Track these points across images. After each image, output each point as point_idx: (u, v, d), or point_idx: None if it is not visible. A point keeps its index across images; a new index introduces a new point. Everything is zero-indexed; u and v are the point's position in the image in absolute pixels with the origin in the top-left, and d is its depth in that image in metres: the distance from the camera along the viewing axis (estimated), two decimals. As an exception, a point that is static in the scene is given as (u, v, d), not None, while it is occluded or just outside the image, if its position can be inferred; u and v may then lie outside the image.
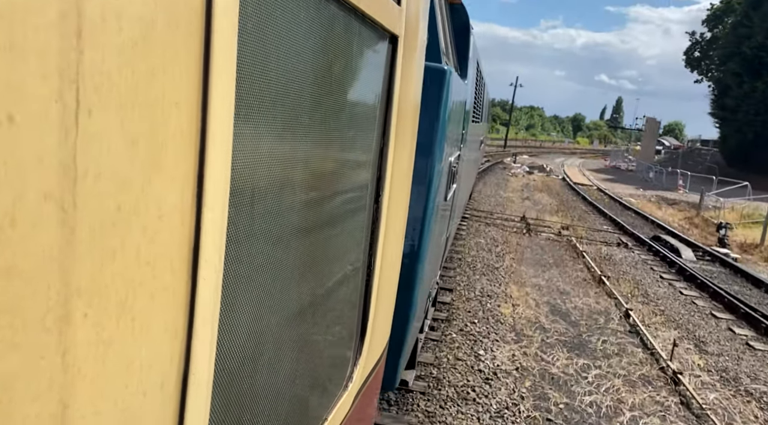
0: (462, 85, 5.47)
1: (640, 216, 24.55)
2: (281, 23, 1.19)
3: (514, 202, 25.32)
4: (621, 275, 14.03)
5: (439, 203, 4.28)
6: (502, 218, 20.24)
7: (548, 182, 36.19)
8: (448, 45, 5.11)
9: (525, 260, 14.45)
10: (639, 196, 32.67)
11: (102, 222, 0.70)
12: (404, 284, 3.53)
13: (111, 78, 0.68)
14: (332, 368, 1.97)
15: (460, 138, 5.93)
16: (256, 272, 1.26)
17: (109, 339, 0.74)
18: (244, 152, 1.06)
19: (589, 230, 20.04)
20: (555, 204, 26.13)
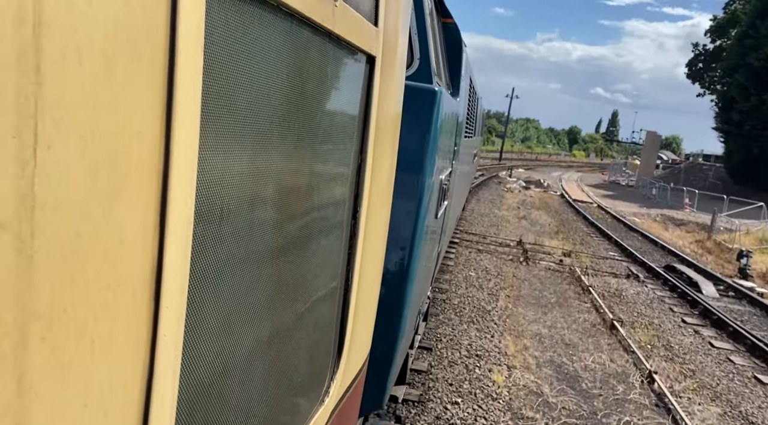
0: (453, 102, 5.38)
1: (647, 240, 22.45)
2: (250, 50, 1.21)
3: (510, 222, 23.20)
4: (636, 318, 11.88)
5: (429, 220, 4.24)
6: (496, 243, 18.09)
7: (546, 199, 34.12)
8: (440, 64, 5.10)
9: (522, 299, 12.29)
10: (643, 215, 30.59)
11: (61, 249, 0.72)
12: (393, 303, 3.75)
13: (70, 112, 0.70)
14: (308, 383, 1.96)
15: (452, 154, 5.83)
16: (225, 290, 1.27)
17: (68, 362, 0.75)
18: (211, 176, 1.08)
19: (594, 257, 17.91)
20: (554, 225, 24.01)
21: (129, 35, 0.77)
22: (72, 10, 0.68)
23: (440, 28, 5.92)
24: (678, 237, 24.79)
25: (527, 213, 26.38)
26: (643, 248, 20.32)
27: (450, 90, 5.76)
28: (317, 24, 1.45)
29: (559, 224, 24.26)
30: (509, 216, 24.81)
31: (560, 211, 29.18)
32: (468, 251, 16.11)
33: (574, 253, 17.87)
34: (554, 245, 19.11)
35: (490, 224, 21.87)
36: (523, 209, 28.21)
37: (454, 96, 5.79)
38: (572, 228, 23.67)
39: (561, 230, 22.63)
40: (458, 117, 6.21)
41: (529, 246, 17.99)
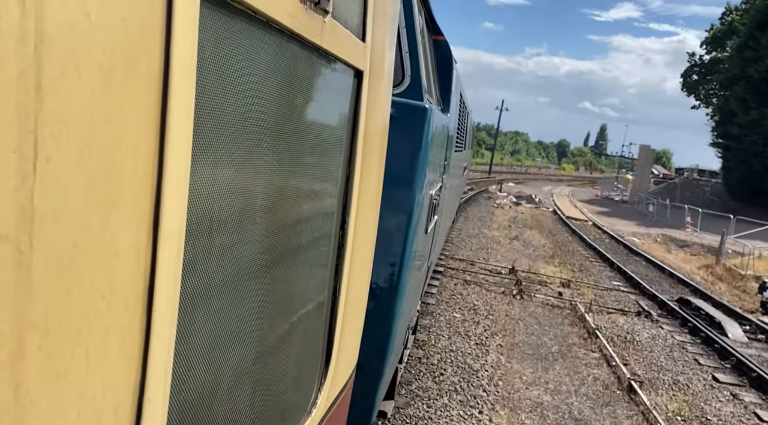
0: (443, 118, 5.43)
1: (651, 265, 20.36)
2: (241, 64, 1.24)
3: (501, 244, 21.04)
4: (657, 375, 9.70)
5: (419, 236, 4.22)
6: (485, 271, 15.90)
7: (538, 216, 32.05)
8: (431, 81, 5.11)
9: (518, 348, 10.08)
10: (643, 235, 28.57)
11: (58, 260, 0.73)
12: (383, 318, 3.77)
13: (69, 125, 0.72)
14: (295, 394, 1.97)
15: (443, 169, 5.84)
16: (216, 301, 1.29)
17: (63, 371, 0.77)
18: (204, 189, 1.11)
19: (597, 287, 15.76)
20: (549, 247, 21.88)
21: (126, 52, 0.80)
22: (72, 29, 0.71)
23: (431, 45, 5.93)
24: (683, 261, 22.74)
25: (519, 233, 24.25)
26: (649, 276, 18.22)
27: (440, 106, 5.75)
28: (306, 40, 1.50)
29: (555, 247, 22.13)
30: (500, 237, 22.66)
31: (554, 230, 27.08)
32: (453, 282, 13.89)
33: (573, 282, 15.73)
34: (551, 272, 16.95)
35: (479, 246, 19.70)
36: (514, 227, 26.09)
37: (444, 112, 5.78)
38: (569, 251, 21.54)
39: (557, 254, 20.50)
40: (448, 132, 6.12)
41: (523, 274, 15.83)
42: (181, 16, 0.91)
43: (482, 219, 27.15)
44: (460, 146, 10.08)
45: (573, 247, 22.69)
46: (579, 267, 18.54)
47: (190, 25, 0.94)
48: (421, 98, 3.90)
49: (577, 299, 14.05)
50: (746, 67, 40.63)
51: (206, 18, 1.01)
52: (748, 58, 40.84)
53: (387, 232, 3.19)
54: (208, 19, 1.03)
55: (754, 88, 39.98)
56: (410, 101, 3.74)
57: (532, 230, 25.81)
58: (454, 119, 7.45)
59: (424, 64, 4.33)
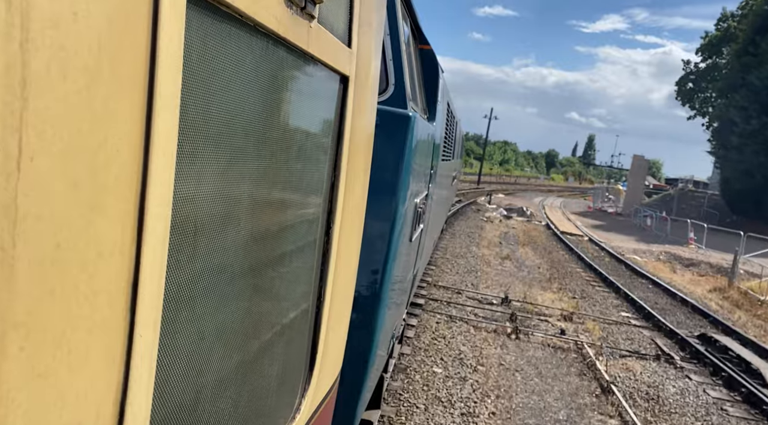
0: (429, 127, 5.43)
1: (660, 289, 18.19)
2: (227, 67, 1.24)
3: (491, 265, 18.77)
4: (698, 456, 7.40)
5: (403, 244, 4.21)
6: (474, 300, 13.63)
7: (531, 231, 29.85)
8: (416, 90, 5.09)
9: (516, 415, 7.77)
10: (644, 253, 26.42)
11: (41, 260, 0.74)
12: (365, 327, 3.71)
13: (54, 125, 0.72)
14: (279, 399, 1.96)
15: (429, 178, 5.85)
16: (200, 303, 1.28)
17: (44, 371, 0.77)
18: (188, 191, 1.11)
19: (604, 321, 13.52)
20: (545, 268, 19.65)
21: (112, 52, 0.80)
22: (58, 28, 0.71)
23: (417, 55, 5.94)
24: (692, 283, 20.58)
25: (511, 251, 22.01)
26: (660, 304, 16.02)
27: (426, 115, 5.76)
28: (293, 44, 1.49)
29: (551, 267, 19.90)
30: (490, 256, 20.39)
31: (549, 247, 24.87)
32: (436, 320, 11.58)
33: (577, 314, 13.47)
34: (549, 300, 14.70)
35: (466, 269, 17.41)
36: (505, 244, 23.86)
37: (430, 120, 5.81)
38: (567, 273, 19.31)
39: (555, 276, 18.26)
40: (434, 141, 6.10)
41: (518, 304, 13.59)
42: (168, 18, 0.91)
43: (471, 235, 24.90)
44: (448, 155, 10.02)
45: (571, 268, 20.47)
46: (581, 293, 16.30)
47: (176, 26, 0.94)
48: (405, 106, 3.88)
49: (582, 337, 11.80)
50: (746, 73, 38.80)
51: (192, 20, 1.02)
52: (748, 64, 39.04)
53: (369, 240, 3.10)
54: (194, 21, 1.03)
55: (754, 96, 38.15)
56: (393, 109, 3.74)
57: (525, 248, 23.58)
58: (441, 128, 7.31)
59: (408, 72, 4.33)
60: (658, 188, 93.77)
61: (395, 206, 3.71)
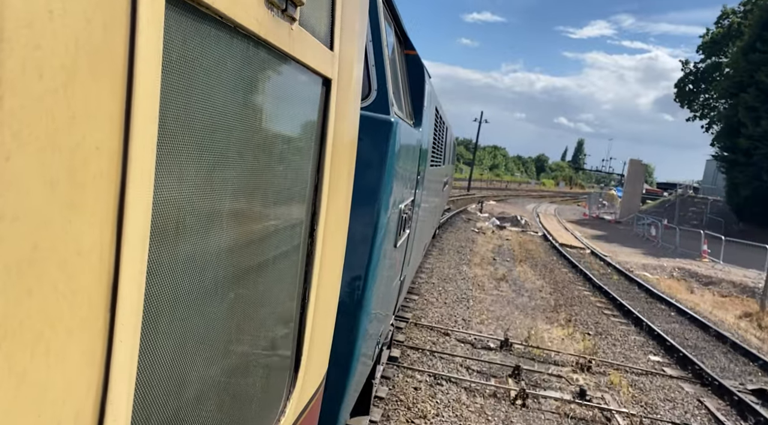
0: (414, 132, 5.41)
1: (684, 317, 15.39)
2: (208, 68, 1.24)
3: (485, 289, 15.86)
4: None
5: (387, 249, 4.22)
6: (466, 344, 10.71)
7: (527, 244, 26.99)
8: (401, 95, 5.10)
9: None
10: (655, 268, 23.61)
11: (19, 261, 0.73)
12: (347, 333, 3.69)
13: (30, 125, 0.72)
14: (263, 401, 1.95)
15: (414, 183, 5.85)
16: (181, 304, 1.27)
17: (22, 371, 0.76)
18: (168, 192, 1.11)
19: (630, 371, 10.62)
20: (548, 290, 16.77)
21: (89, 52, 0.80)
22: (33, 27, 0.71)
23: (403, 60, 5.94)
24: (717, 307, 17.75)
25: (508, 270, 19.11)
26: (691, 340, 13.19)
27: (412, 120, 5.74)
28: (274, 46, 1.49)
29: (555, 290, 17.01)
30: (483, 277, 17.48)
31: (550, 264, 21.99)
32: (415, 383, 8.60)
33: (595, 361, 10.56)
34: (559, 339, 11.81)
35: (456, 297, 14.48)
36: (500, 261, 20.97)
37: (416, 126, 5.83)
38: (575, 297, 16.42)
39: (561, 303, 15.38)
40: (421, 146, 6.08)
41: (521, 348, 10.71)
42: (146, 17, 0.90)
43: (461, 251, 21.99)
44: (438, 160, 10.09)
45: (578, 290, 17.58)
46: (595, 327, 13.41)
47: (154, 27, 0.93)
48: (388, 112, 3.85)
49: (608, 397, 8.88)
50: (755, 71, 36.29)
51: (171, 20, 1.01)
52: (756, 61, 36.53)
53: (351, 245, 3.13)
54: (173, 22, 1.03)
55: (764, 96, 35.59)
56: (375, 114, 3.72)
57: (523, 266, 20.69)
58: (429, 134, 7.31)
59: (392, 77, 4.34)
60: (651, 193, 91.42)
61: (378, 211, 3.70)
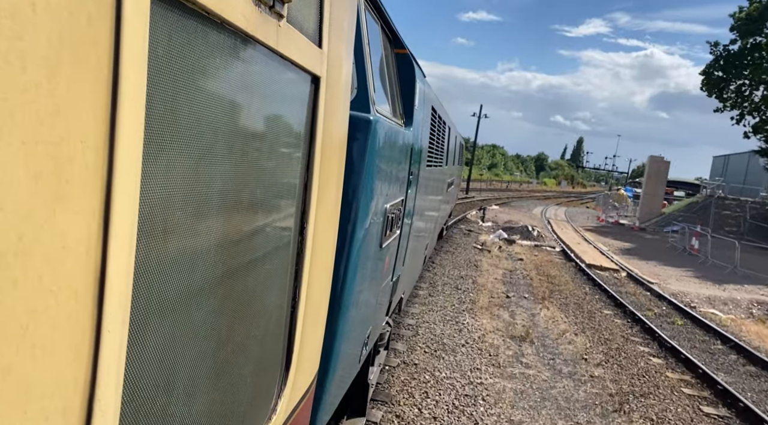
0: (402, 132, 5.30)
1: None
2: (195, 63, 1.23)
3: (500, 362, 9.87)
4: None
5: (368, 249, 4.17)
6: None
7: (547, 266, 20.84)
8: (387, 94, 5.08)
9: None
10: (725, 302, 17.51)
11: (3, 251, 0.73)
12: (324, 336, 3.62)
13: (13, 116, 0.72)
14: (254, 399, 1.92)
15: (405, 183, 5.75)
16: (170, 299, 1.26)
17: (7, 366, 0.75)
18: (155, 185, 1.10)
19: None
20: (597, 360, 10.73)
21: (73, 45, 0.80)
22: (15, 18, 0.70)
23: (393, 59, 5.90)
24: None
25: (530, 318, 13.04)
26: None
27: (402, 119, 5.69)
28: (261, 42, 1.48)
29: (607, 357, 10.93)
30: (494, 335, 11.39)
31: (584, 302, 15.86)
32: None
33: None
34: None
35: (453, 391, 8.36)
36: (516, 299, 14.88)
37: (407, 125, 5.75)
38: (641, 373, 10.28)
39: (625, 390, 9.26)
40: (412, 146, 6.01)
41: None
42: (131, 12, 0.90)
43: (460, 284, 15.87)
44: (438, 161, 10.14)
45: (642, 356, 11.43)
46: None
47: (140, 21, 0.92)
48: (368, 110, 3.88)
49: None
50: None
51: (157, 15, 1.00)
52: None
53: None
54: (159, 17, 1.02)
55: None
56: (354, 113, 3.59)
57: (548, 306, 14.59)
58: (423, 133, 7.18)
59: (375, 75, 4.34)
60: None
61: (356, 210, 3.68)
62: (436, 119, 9.28)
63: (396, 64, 6.01)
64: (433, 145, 8.82)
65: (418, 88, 6.41)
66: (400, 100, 5.85)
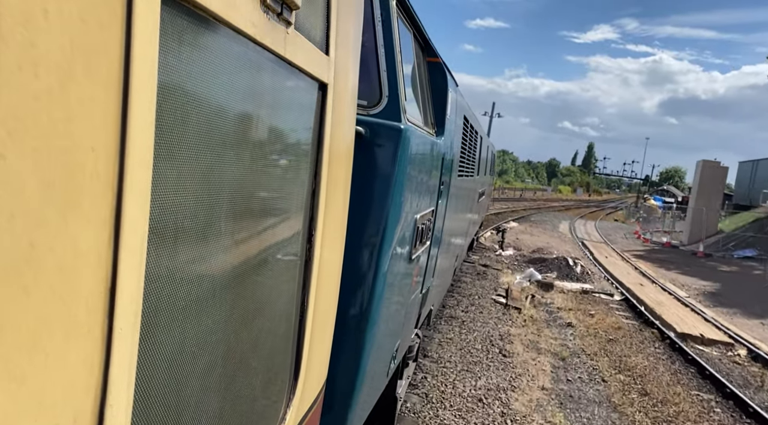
0: (433, 141, 5.15)
1: None
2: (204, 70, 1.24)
3: None
4: None
5: (397, 261, 4.05)
6: None
7: (615, 341, 12.69)
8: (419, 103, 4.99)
9: None
10: None
11: (15, 260, 0.72)
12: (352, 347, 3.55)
13: (26, 123, 0.72)
14: (263, 407, 1.93)
15: (436, 193, 5.59)
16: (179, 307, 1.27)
17: (20, 374, 0.75)
18: (165, 193, 1.11)
19: None
20: None
21: (85, 52, 0.80)
22: (29, 25, 0.71)
23: (425, 68, 5.73)
24: None
25: None
26: None
27: (434, 129, 5.54)
28: (269, 49, 1.49)
29: None
30: None
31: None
32: None
33: None
34: None
35: None
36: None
37: (438, 135, 5.61)
38: None
39: None
40: (444, 155, 5.83)
41: None
42: (142, 18, 0.90)
43: (480, 406, 7.57)
44: (470, 170, 9.90)
45: None
46: None
47: (150, 28, 0.93)
48: (399, 119, 3.71)
49: None
50: None
51: (167, 22, 1.01)
52: None
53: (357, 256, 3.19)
54: (169, 24, 1.03)
55: None
56: (385, 121, 3.60)
57: None
58: (455, 143, 7.01)
59: (407, 84, 4.25)
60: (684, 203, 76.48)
61: (385, 221, 3.57)
62: (468, 128, 9.11)
63: (428, 73, 5.85)
64: (464, 154, 8.67)
65: (450, 97, 6.29)
66: (431, 109, 5.71)
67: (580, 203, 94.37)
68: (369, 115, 3.57)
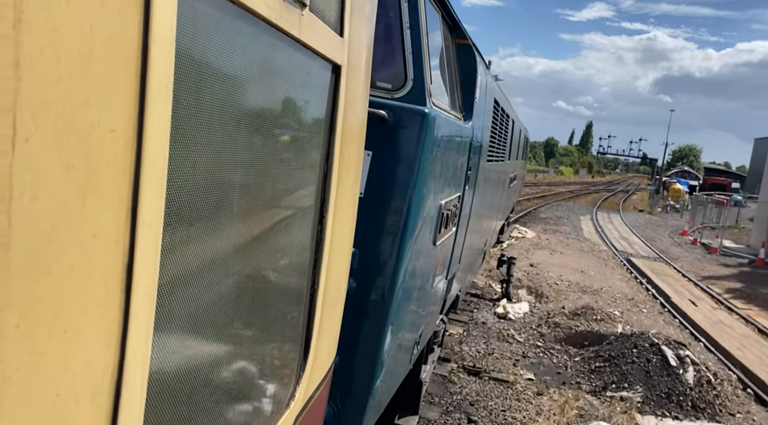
0: (459, 125, 5.08)
1: None
2: (220, 52, 1.25)
3: None
4: None
5: (421, 246, 4.03)
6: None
7: None
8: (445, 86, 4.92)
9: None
10: None
11: (37, 240, 0.74)
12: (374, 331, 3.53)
13: (48, 106, 0.73)
14: (272, 386, 1.96)
15: (463, 179, 5.52)
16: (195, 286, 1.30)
17: (41, 350, 0.77)
18: (182, 174, 1.13)
19: None
20: None
21: (105, 36, 0.81)
22: (51, 9, 0.72)
23: (453, 49, 5.64)
24: None
25: None
26: None
27: (462, 112, 5.48)
28: (284, 31, 1.49)
29: None
30: None
31: None
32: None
33: None
34: None
35: None
36: None
37: (466, 119, 5.54)
38: None
39: None
40: (471, 140, 5.72)
41: None
42: (160, 2, 0.91)
43: None
44: (500, 155, 9.54)
45: None
46: None
47: (168, 11, 0.94)
48: (424, 103, 3.65)
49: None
50: None
51: (185, 5, 1.02)
52: None
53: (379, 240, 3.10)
54: (186, 7, 1.04)
55: None
56: (408, 105, 3.55)
57: None
58: (485, 127, 6.88)
59: (433, 67, 4.12)
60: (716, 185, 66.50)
61: (408, 206, 3.49)
62: (498, 111, 8.73)
63: (456, 55, 5.68)
64: (494, 139, 8.33)
65: (480, 80, 6.02)
66: (459, 92, 5.55)
67: (587, 186, 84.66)
68: (393, 99, 3.53)
